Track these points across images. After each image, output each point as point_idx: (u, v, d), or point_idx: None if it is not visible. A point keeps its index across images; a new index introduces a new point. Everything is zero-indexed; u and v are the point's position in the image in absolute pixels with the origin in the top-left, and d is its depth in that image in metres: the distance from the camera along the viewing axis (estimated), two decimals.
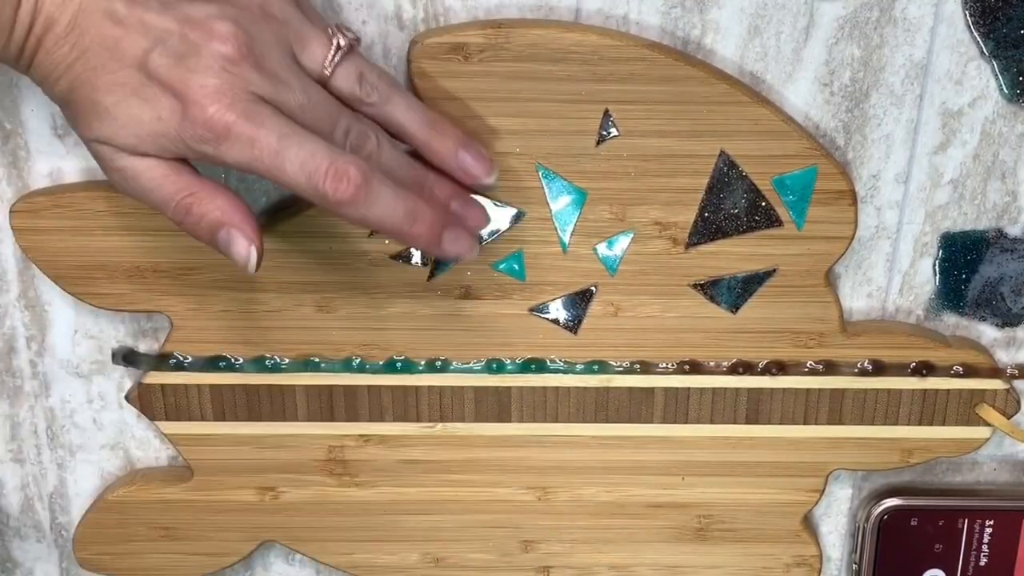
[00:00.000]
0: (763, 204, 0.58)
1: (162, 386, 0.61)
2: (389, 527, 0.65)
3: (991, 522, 0.65)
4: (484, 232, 0.58)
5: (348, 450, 0.63)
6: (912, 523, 0.65)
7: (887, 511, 0.65)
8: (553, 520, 0.65)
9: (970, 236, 0.61)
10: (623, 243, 0.59)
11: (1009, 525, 0.65)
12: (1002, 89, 0.57)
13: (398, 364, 0.60)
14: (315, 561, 0.66)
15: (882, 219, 0.60)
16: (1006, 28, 0.56)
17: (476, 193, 0.55)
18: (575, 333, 0.61)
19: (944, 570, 0.66)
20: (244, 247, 0.49)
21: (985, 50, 0.56)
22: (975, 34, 0.56)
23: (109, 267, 0.58)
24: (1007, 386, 0.62)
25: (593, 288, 0.60)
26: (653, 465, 0.64)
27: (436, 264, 0.59)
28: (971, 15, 0.56)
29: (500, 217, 0.58)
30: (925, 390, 0.62)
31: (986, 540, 0.65)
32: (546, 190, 0.57)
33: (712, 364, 0.62)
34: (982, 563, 0.66)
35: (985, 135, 0.59)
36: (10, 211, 0.57)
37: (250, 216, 0.49)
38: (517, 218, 0.58)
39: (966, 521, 0.65)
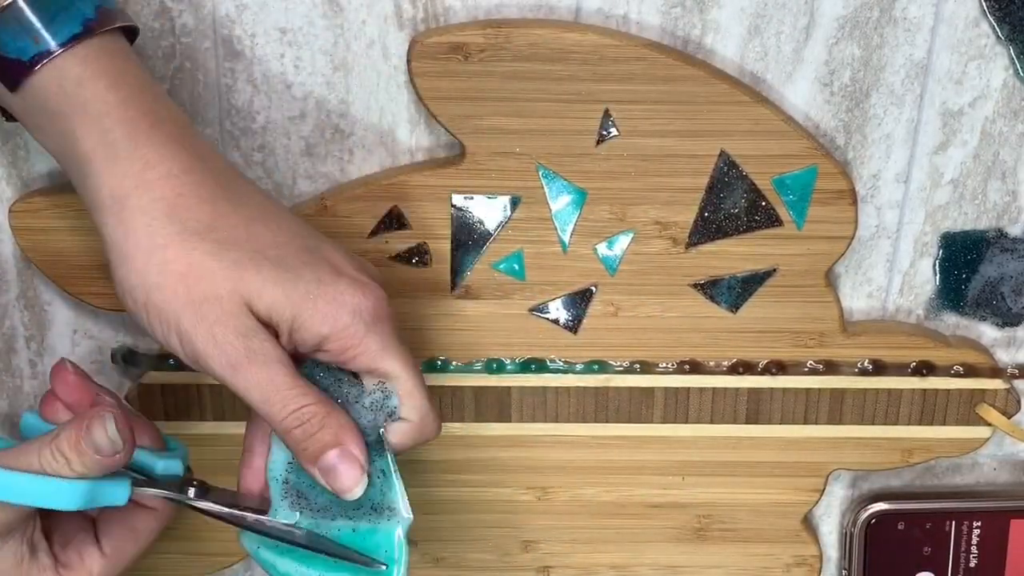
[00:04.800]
0: (763, 204, 0.58)
1: (162, 386, 0.61)
2: None
3: (979, 524, 0.65)
4: (488, 226, 0.58)
5: None
6: (899, 527, 0.65)
7: (874, 516, 0.65)
8: (553, 520, 0.65)
9: (970, 236, 0.61)
10: (623, 243, 0.59)
11: (997, 526, 0.65)
12: (1018, 72, 0.57)
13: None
14: None
15: (882, 219, 0.60)
16: (1022, 12, 0.55)
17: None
18: (575, 333, 0.61)
19: (934, 573, 0.66)
20: (359, 472, 0.48)
21: (1001, 34, 0.56)
22: (991, 18, 0.56)
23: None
24: (1007, 386, 0.62)
25: (593, 288, 0.60)
26: (653, 465, 0.64)
27: (455, 273, 0.59)
28: (986, 0, 0.55)
29: (495, 208, 0.57)
30: (925, 390, 0.62)
31: (975, 542, 0.65)
32: (546, 190, 0.57)
33: (712, 364, 0.62)
34: (972, 565, 0.66)
35: (985, 135, 0.59)
36: (10, 211, 0.57)
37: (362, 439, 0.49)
38: (514, 205, 0.57)
39: (953, 523, 0.65)
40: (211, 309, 0.46)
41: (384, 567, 0.49)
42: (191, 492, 0.50)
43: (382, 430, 0.49)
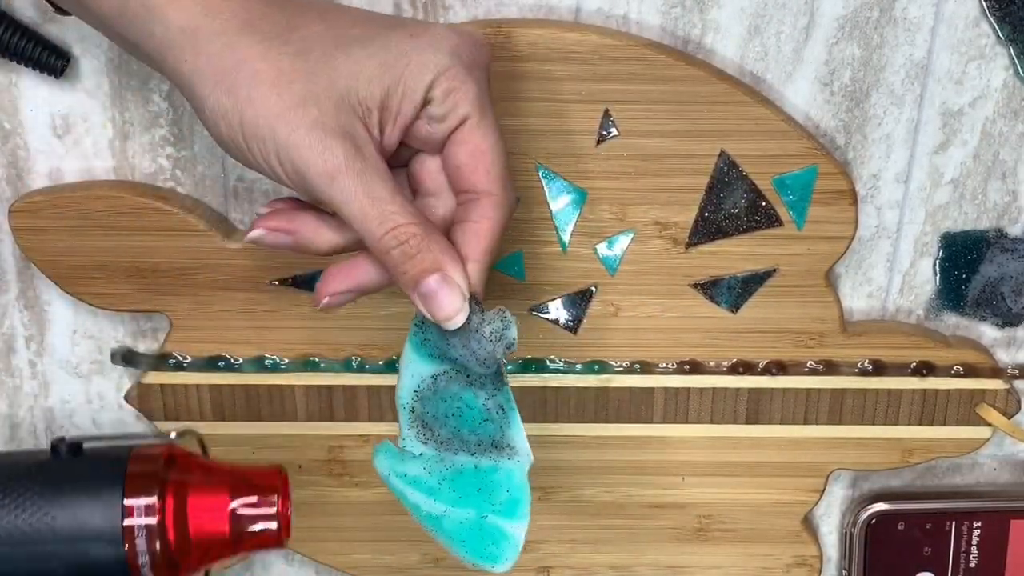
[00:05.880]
0: (763, 204, 0.58)
1: (161, 386, 0.61)
2: (389, 527, 0.64)
3: (979, 524, 0.65)
4: None
5: (348, 450, 0.63)
6: (899, 527, 0.65)
7: (874, 516, 0.65)
8: (553, 520, 0.65)
9: (970, 236, 0.61)
10: (623, 243, 0.59)
11: (997, 526, 0.65)
12: (1018, 72, 0.57)
13: (398, 364, 0.60)
14: (314, 561, 0.66)
15: (882, 219, 0.60)
16: (1022, 12, 0.55)
17: None
18: (575, 333, 0.60)
19: (934, 573, 0.66)
20: (459, 301, 0.47)
21: (1001, 34, 0.56)
22: (991, 18, 0.56)
23: (108, 267, 0.58)
24: (1007, 386, 0.62)
25: (593, 288, 0.60)
26: (653, 465, 0.63)
27: None
28: (986, 0, 0.55)
29: None
30: (925, 390, 0.62)
31: (975, 542, 0.65)
32: (546, 190, 0.57)
33: (712, 364, 0.62)
34: (972, 565, 0.66)
35: (985, 135, 0.59)
36: (10, 211, 0.57)
37: (462, 265, 0.47)
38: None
39: (953, 524, 0.65)
40: (307, 112, 0.44)
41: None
42: None
43: (502, 361, 0.48)
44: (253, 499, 0.53)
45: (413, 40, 0.46)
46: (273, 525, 0.53)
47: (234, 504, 0.53)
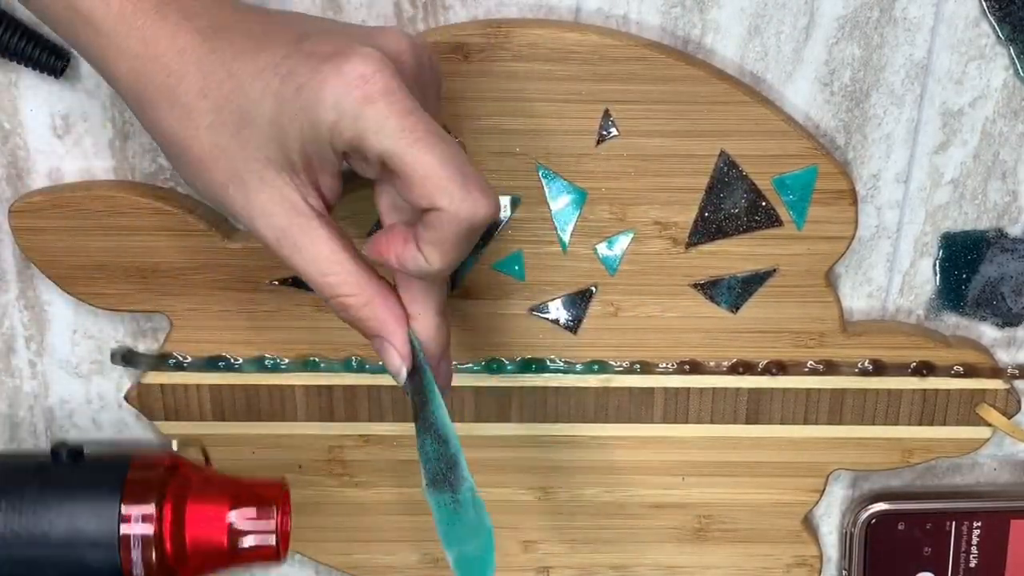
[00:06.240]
0: (763, 204, 0.58)
1: (161, 386, 0.61)
2: (389, 527, 0.64)
3: (979, 524, 0.65)
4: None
5: (348, 450, 0.63)
6: (899, 527, 0.65)
7: (874, 516, 0.65)
8: (553, 520, 0.65)
9: (970, 236, 0.61)
10: (623, 243, 0.59)
11: (997, 526, 0.65)
12: (1018, 72, 0.57)
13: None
14: (314, 561, 0.66)
15: (882, 219, 0.60)
16: (1022, 12, 0.55)
17: None
18: (575, 333, 0.60)
19: (934, 573, 0.66)
20: (397, 361, 0.48)
21: (1001, 34, 0.56)
22: (991, 18, 0.56)
23: (108, 267, 0.58)
24: (1007, 386, 0.62)
25: (593, 288, 0.60)
26: (653, 465, 0.63)
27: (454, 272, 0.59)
28: (986, 0, 0.56)
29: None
30: (925, 390, 0.62)
31: (975, 542, 0.65)
32: (546, 190, 0.57)
33: (712, 364, 0.62)
34: (972, 565, 0.66)
35: (985, 135, 0.59)
36: (10, 211, 0.57)
37: (405, 328, 0.48)
38: (514, 205, 0.57)
39: (953, 524, 0.65)
40: (239, 188, 0.46)
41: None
42: None
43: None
44: (252, 512, 0.53)
45: (304, 89, 0.43)
46: (271, 540, 0.53)
47: (232, 516, 0.53)
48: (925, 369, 0.62)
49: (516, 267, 0.59)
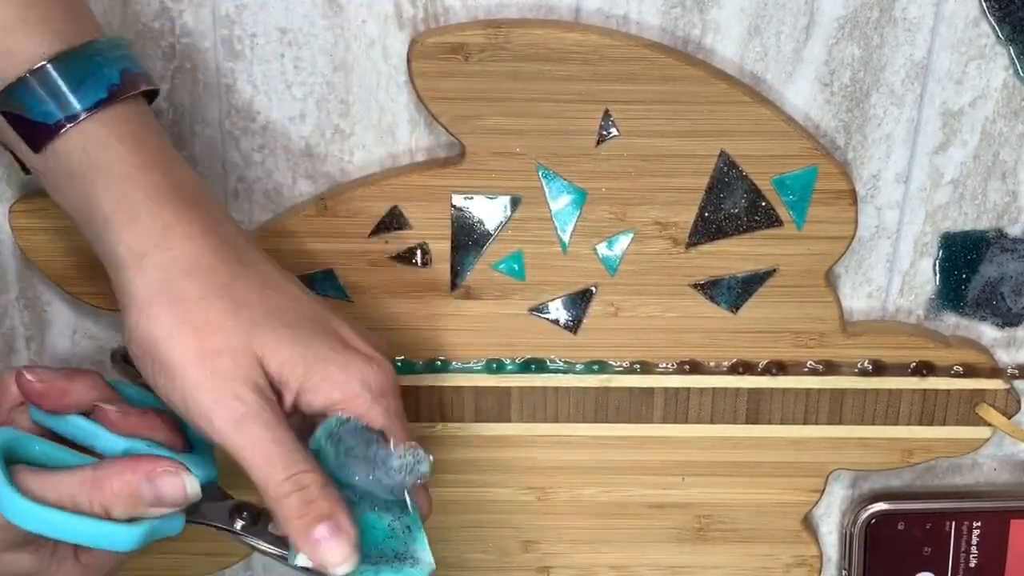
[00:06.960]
0: (763, 204, 0.58)
1: None
2: None
3: (979, 524, 0.65)
4: (488, 226, 0.58)
5: None
6: (899, 527, 0.65)
7: (874, 516, 0.65)
8: (553, 520, 0.65)
9: (970, 236, 0.61)
10: (623, 243, 0.59)
11: (997, 526, 0.65)
12: (1018, 72, 0.57)
13: (398, 364, 0.60)
14: None
15: (882, 219, 0.60)
16: (1022, 12, 0.55)
17: None
18: (575, 333, 0.61)
19: (934, 573, 0.66)
20: (341, 552, 0.47)
21: (1001, 34, 0.56)
22: (991, 19, 0.56)
23: None
24: (1007, 386, 0.62)
25: (593, 288, 0.60)
26: (653, 465, 0.63)
27: (455, 273, 0.59)
28: (986, 0, 0.55)
29: (495, 208, 0.57)
30: (925, 390, 0.62)
31: (975, 542, 0.65)
32: (546, 190, 0.57)
33: (712, 364, 0.62)
34: (972, 564, 0.66)
35: (985, 135, 0.59)
36: (10, 211, 0.57)
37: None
38: (514, 205, 0.57)
39: (953, 523, 0.65)
40: (223, 363, 0.46)
41: None
42: (238, 525, 0.49)
43: (407, 492, 0.49)
44: None
45: (332, 354, 0.48)
46: None
47: None
48: (925, 369, 0.62)
49: (516, 267, 0.59)
